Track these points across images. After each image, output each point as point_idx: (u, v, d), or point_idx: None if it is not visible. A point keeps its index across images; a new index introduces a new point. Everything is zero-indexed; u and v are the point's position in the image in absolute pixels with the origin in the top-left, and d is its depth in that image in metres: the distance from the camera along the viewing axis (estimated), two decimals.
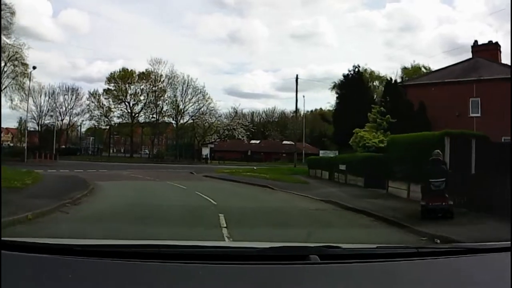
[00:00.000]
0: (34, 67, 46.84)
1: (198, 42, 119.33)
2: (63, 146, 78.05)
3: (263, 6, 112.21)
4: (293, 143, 51.94)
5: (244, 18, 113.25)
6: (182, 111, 73.65)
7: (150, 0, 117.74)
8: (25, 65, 48.20)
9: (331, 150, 41.07)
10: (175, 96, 74.00)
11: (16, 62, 47.72)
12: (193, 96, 73.21)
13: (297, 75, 49.87)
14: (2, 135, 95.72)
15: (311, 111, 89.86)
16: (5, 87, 47.72)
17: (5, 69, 46.68)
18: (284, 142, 77.73)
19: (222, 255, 1.76)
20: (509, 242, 1.98)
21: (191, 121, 74.27)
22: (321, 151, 43.96)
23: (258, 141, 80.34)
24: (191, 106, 73.23)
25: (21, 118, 79.59)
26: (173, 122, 75.88)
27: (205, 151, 68.68)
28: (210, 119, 73.50)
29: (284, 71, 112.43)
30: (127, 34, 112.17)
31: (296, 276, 1.60)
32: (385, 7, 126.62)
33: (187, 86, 73.04)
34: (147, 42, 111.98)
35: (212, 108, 73.26)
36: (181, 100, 73.43)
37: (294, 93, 48.38)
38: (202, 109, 73.01)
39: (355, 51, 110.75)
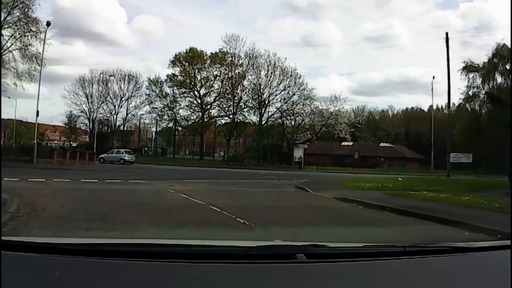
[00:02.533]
0: (48, 23, 35.63)
1: (272, 46, 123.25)
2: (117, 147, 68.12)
3: (336, 9, 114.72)
4: (391, 145, 38.86)
5: (317, 21, 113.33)
6: (267, 101, 59.91)
7: (223, 5, 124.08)
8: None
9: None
10: (258, 81, 60.10)
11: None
12: (281, 81, 59.24)
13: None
14: (48, 133, 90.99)
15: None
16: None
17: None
18: (382, 144, 71.81)
19: (208, 254, 1.81)
20: (497, 242, 2.33)
21: (279, 113, 60.27)
22: None
23: (350, 143, 70.24)
24: (279, 93, 59.30)
25: (71, 112, 71.18)
26: (254, 117, 63.99)
27: (297, 153, 55.56)
28: (304, 110, 59.37)
29: (358, 75, 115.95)
30: (200, 39, 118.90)
31: (283, 275, 1.65)
32: (458, 7, 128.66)
33: (274, 67, 59.17)
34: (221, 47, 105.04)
35: (307, 96, 59.00)
36: (267, 85, 59.53)
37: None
38: (294, 98, 58.98)
39: (429, 53, 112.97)
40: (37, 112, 34.23)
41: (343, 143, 69.48)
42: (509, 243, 2.07)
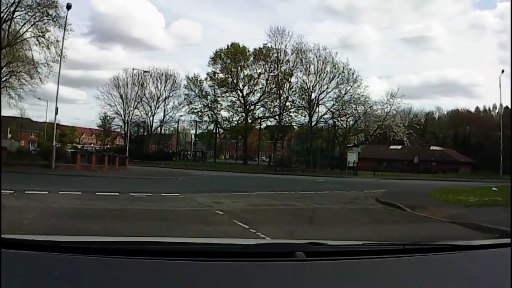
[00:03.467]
0: (68, 6, 30.97)
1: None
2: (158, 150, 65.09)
3: (373, 12, 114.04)
4: (442, 149, 40.62)
5: (355, 24, 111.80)
6: (317, 100, 54.64)
7: (261, 8, 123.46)
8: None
9: None
10: (307, 78, 54.83)
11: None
12: (333, 77, 53.83)
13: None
14: (84, 136, 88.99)
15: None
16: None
17: None
18: (432, 147, 67.38)
19: (207, 251, 1.81)
20: (497, 240, 2.29)
21: (329, 114, 54.84)
22: None
23: (399, 147, 64.86)
24: (330, 91, 53.91)
25: (105, 114, 68.03)
26: (302, 118, 58.81)
27: (351, 157, 50.49)
28: (357, 110, 53.83)
29: (397, 78, 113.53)
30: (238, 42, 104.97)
31: (282, 273, 1.64)
32: (496, 7, 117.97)
33: (324, 62, 53.76)
34: (265, 42, 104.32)
35: (361, 95, 53.51)
36: (317, 82, 54.12)
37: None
38: (346, 96, 53.52)
39: (467, 55, 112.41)
40: (56, 109, 30.23)
41: (391, 147, 65.57)
42: (509, 241, 2.08)
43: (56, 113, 30.34)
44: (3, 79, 56.37)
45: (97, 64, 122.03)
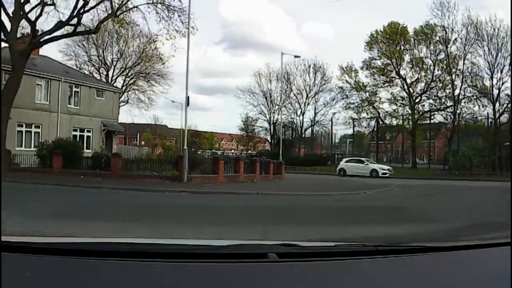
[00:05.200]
0: None
1: None
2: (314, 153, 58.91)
3: None
4: None
5: None
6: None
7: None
8: None
9: None
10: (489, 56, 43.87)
11: None
12: None
13: None
14: (223, 142, 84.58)
15: None
16: None
17: None
18: None
19: (179, 252, 1.83)
20: (468, 242, 2.23)
21: None
22: None
23: None
24: None
25: (247, 115, 62.19)
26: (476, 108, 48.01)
27: None
28: None
29: None
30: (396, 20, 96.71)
31: (254, 274, 1.68)
32: None
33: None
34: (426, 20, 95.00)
35: None
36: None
37: None
38: None
39: None
40: (187, 98, 22.96)
41: None
42: (476, 243, 2.16)
43: (187, 104, 23.14)
44: (130, 82, 53.10)
45: (231, 72, 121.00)
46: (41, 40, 23.65)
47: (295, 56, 50.04)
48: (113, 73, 52.41)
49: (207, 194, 18.28)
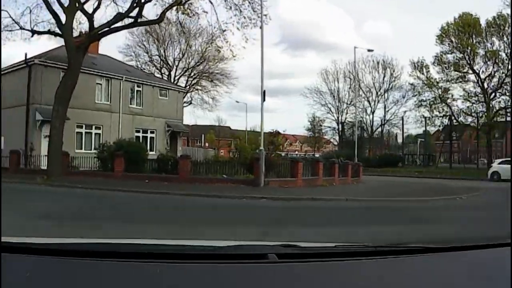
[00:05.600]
0: None
1: None
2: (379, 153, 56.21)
3: None
4: None
5: None
6: None
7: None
8: None
9: None
10: None
11: None
12: None
13: None
14: (286, 143, 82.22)
15: None
16: None
17: None
18: None
19: (178, 253, 1.82)
20: (469, 243, 2.17)
21: None
22: None
23: None
24: None
25: (313, 115, 60.08)
26: None
27: None
28: None
29: None
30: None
31: (253, 275, 1.67)
32: None
33: None
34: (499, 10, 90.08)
35: None
36: None
37: None
38: None
39: None
40: (263, 93, 20.17)
41: None
42: (476, 243, 2.13)
43: (264, 99, 20.35)
44: (193, 82, 51.40)
45: (291, 73, 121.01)
46: (100, 32, 21.61)
47: (368, 50, 46.63)
48: (175, 73, 51.24)
49: (290, 200, 15.77)
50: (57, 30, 21.90)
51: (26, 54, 26.93)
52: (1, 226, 3.07)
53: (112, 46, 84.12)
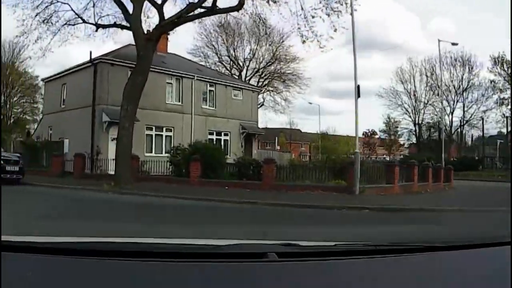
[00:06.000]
0: None
1: None
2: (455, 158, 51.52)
3: None
4: None
5: None
6: None
7: None
8: None
9: None
10: None
11: None
12: None
13: None
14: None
15: None
16: None
17: None
18: None
19: (178, 252, 1.80)
20: (466, 241, 2.16)
21: None
22: None
23: None
24: None
25: (388, 116, 57.91)
26: None
27: None
28: None
29: None
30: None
31: (253, 273, 1.67)
32: None
33: None
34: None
35: None
36: None
37: None
38: None
39: None
40: (357, 87, 17.36)
41: None
42: (476, 242, 2.12)
43: (358, 95, 17.64)
44: (264, 83, 49.13)
45: (358, 74, 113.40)
46: (171, 20, 19.32)
47: (452, 44, 42.62)
48: (246, 73, 49.36)
49: (396, 211, 13.43)
50: (124, 23, 19.98)
51: (91, 52, 25.29)
52: (1, 225, 3.08)
53: (179, 48, 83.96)
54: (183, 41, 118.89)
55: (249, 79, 48.34)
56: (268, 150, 45.54)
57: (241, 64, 49.65)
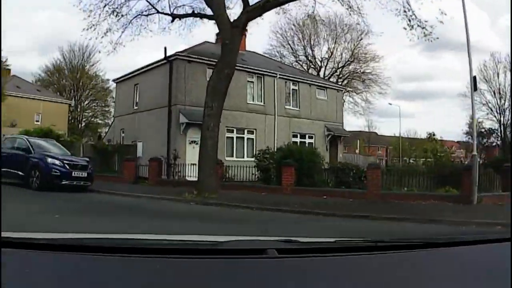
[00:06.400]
0: None
1: None
2: None
3: None
4: None
5: None
6: None
7: None
8: None
9: None
10: None
11: None
12: None
13: None
14: (452, 150, 75.11)
15: None
16: None
17: None
18: None
19: (177, 248, 1.78)
20: (467, 237, 2.21)
21: None
22: None
23: None
24: None
25: (471, 116, 52.74)
26: None
27: None
28: None
29: None
30: None
31: (253, 270, 1.64)
32: None
33: None
34: None
35: None
36: None
37: None
38: None
39: None
40: (473, 79, 14.81)
41: None
42: (476, 238, 2.12)
43: (475, 88, 14.98)
44: (343, 83, 46.44)
45: (430, 75, 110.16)
46: (258, 4, 16.95)
47: None
48: (324, 73, 46.72)
49: None
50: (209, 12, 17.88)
51: (165, 48, 23.27)
52: (1, 221, 3.02)
53: (255, 48, 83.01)
54: (258, 41, 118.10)
55: (328, 79, 45.73)
56: (353, 154, 42.78)
57: (319, 63, 47.33)
